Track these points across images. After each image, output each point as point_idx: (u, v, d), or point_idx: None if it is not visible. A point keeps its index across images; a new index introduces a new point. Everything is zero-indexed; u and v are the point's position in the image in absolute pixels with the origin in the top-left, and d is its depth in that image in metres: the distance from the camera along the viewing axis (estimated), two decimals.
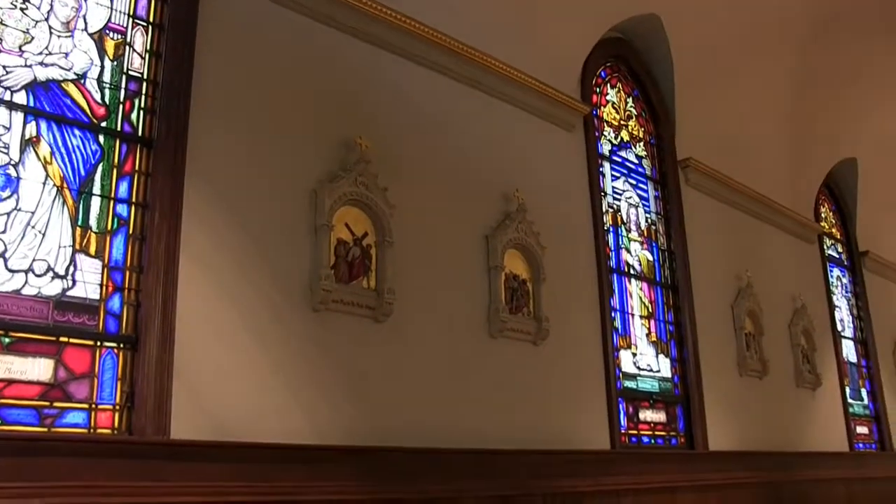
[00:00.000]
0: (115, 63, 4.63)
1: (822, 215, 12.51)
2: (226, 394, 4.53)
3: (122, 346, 4.28)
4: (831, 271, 12.21)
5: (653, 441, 7.72)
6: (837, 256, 12.74)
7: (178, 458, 4.19)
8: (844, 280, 12.75)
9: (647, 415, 7.74)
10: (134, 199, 4.50)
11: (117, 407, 4.20)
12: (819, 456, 10.01)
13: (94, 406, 4.13)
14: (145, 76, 4.73)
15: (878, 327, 12.98)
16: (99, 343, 4.22)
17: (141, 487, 4.01)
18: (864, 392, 12.19)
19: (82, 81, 4.49)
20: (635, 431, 7.54)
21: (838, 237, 12.97)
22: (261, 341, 4.76)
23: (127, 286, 4.36)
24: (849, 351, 12.15)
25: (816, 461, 9.86)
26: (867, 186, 12.89)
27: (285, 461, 4.60)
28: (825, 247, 12.19)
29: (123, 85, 4.63)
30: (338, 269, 5.20)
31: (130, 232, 4.44)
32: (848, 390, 11.52)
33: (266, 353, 4.77)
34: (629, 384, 7.61)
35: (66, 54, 4.46)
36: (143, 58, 4.75)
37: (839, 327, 11.91)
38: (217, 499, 4.26)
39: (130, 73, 4.68)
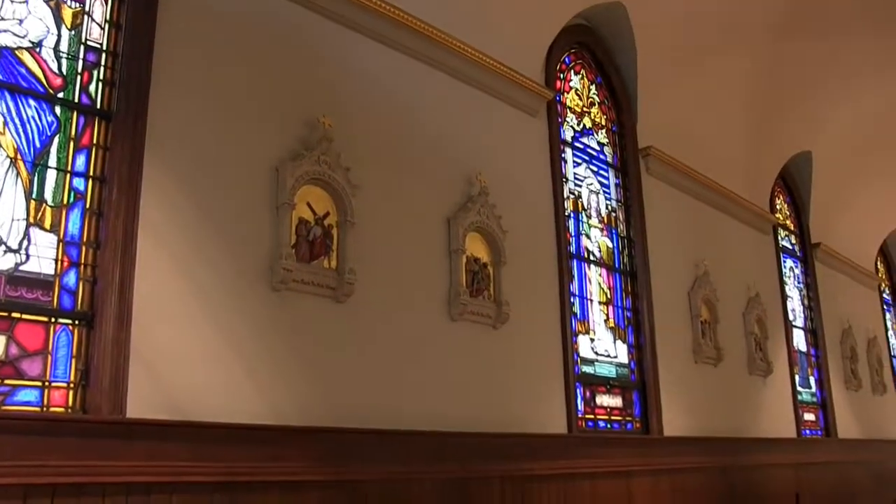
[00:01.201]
0: (73, 32, 4.51)
1: (778, 207, 12.72)
2: (183, 373, 4.46)
3: (77, 322, 4.18)
4: (784, 262, 12.43)
5: (609, 426, 7.80)
6: (791, 247, 12.97)
7: (134, 438, 4.12)
8: (797, 271, 12.99)
9: (604, 400, 7.82)
10: (91, 173, 4.39)
11: (71, 385, 4.11)
12: (769, 442, 10.22)
13: (47, 384, 4.04)
14: (104, 47, 4.61)
15: (827, 317, 13.27)
16: (53, 319, 4.12)
17: (95, 467, 3.94)
18: (812, 380, 12.46)
19: (38, 50, 4.36)
20: (592, 416, 7.61)
21: (792, 229, 13.21)
22: (219, 320, 4.69)
23: (83, 262, 4.27)
24: (799, 340, 12.39)
25: (766, 447, 10.07)
26: (821, 179, 13.13)
27: (242, 441, 4.55)
28: (779, 238, 12.40)
29: (81, 55, 4.52)
30: (299, 249, 5.14)
31: (87, 206, 4.34)
32: (797, 378, 11.76)
33: (224, 333, 4.70)
34: (587, 369, 7.67)
35: (21, 21, 4.32)
36: (102, 28, 4.63)
37: (791, 317, 12.14)
38: (173, 479, 4.21)
39: (89, 43, 4.56)
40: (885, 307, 16.38)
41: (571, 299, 7.57)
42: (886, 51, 10.41)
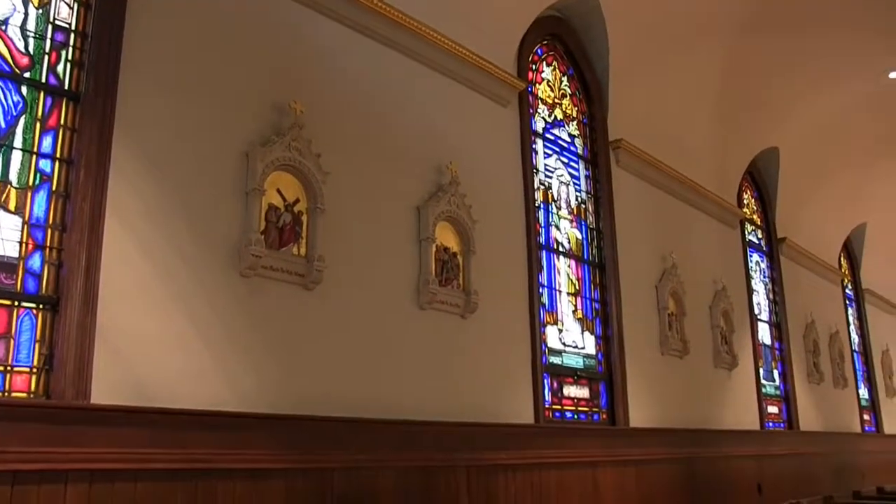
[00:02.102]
0: (41, 11, 4.43)
1: (745, 201, 12.87)
2: (149, 358, 4.42)
3: (41, 306, 4.13)
4: (751, 256, 12.58)
5: (576, 416, 7.86)
6: (757, 242, 13.13)
7: (99, 423, 4.08)
8: (763, 265, 13.15)
9: (571, 390, 7.87)
10: (58, 155, 4.33)
11: (34, 370, 4.06)
12: (733, 434, 10.36)
13: (9, 368, 3.99)
14: (73, 27, 4.54)
15: (792, 312, 13.46)
16: (16, 303, 4.06)
17: (59, 453, 3.90)
18: (776, 373, 12.64)
19: (4, 28, 4.28)
20: (559, 407, 7.65)
21: (759, 223, 13.37)
22: (187, 306, 4.65)
23: (48, 245, 4.21)
24: (764, 333, 12.56)
25: (730, 439, 10.21)
26: (787, 175, 13.31)
27: (207, 428, 4.53)
28: (746, 232, 12.55)
29: (49, 35, 4.44)
30: (268, 235, 5.11)
31: (54, 189, 4.28)
32: (761, 371, 11.92)
33: (191, 318, 4.66)
34: (554, 360, 7.71)
35: None
36: (70, 7, 4.56)
37: (756, 310, 12.30)
38: (138, 465, 4.17)
39: (57, 22, 4.48)
40: (847, 302, 16.66)
41: (540, 290, 7.61)
42: (853, 50, 10.59)
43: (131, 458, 4.16)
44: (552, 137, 8.44)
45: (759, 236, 13.32)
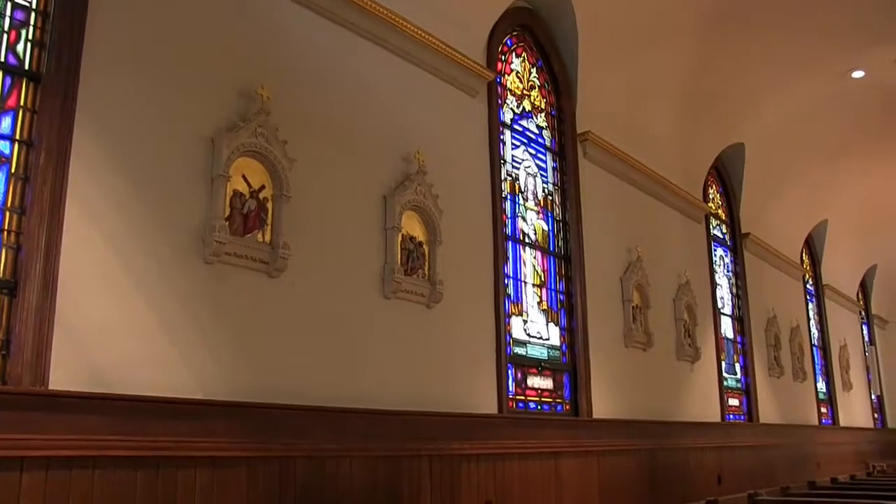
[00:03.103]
0: None
1: (710, 196, 13.00)
2: (109, 345, 4.36)
3: None
4: (715, 250, 12.72)
5: (539, 407, 7.90)
6: (722, 237, 13.27)
7: (57, 410, 4.02)
8: (727, 260, 13.30)
9: (535, 381, 7.91)
10: (18, 137, 4.24)
11: None
12: (694, 426, 10.49)
13: None
14: (34, 6, 4.45)
15: (754, 306, 13.64)
16: None
17: (14, 440, 3.83)
18: (737, 367, 12.81)
19: None
20: (523, 397, 7.69)
21: (723, 218, 13.51)
22: (148, 292, 4.60)
23: (6, 228, 4.13)
24: (726, 327, 12.72)
25: (691, 431, 10.33)
26: (752, 171, 13.47)
27: (168, 415, 4.48)
28: (711, 227, 12.68)
29: (9, 13, 4.35)
30: (232, 221, 5.07)
31: (13, 171, 4.20)
32: (723, 364, 12.07)
33: (153, 305, 4.61)
34: (519, 350, 7.74)
35: None
36: None
37: (719, 304, 12.44)
38: (96, 452, 4.12)
39: (16, 0, 4.39)
40: (807, 297, 16.92)
41: (505, 281, 7.63)
42: (818, 51, 10.75)
43: (89, 445, 4.10)
44: (520, 129, 8.45)
45: (724, 231, 13.47)
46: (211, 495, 4.62)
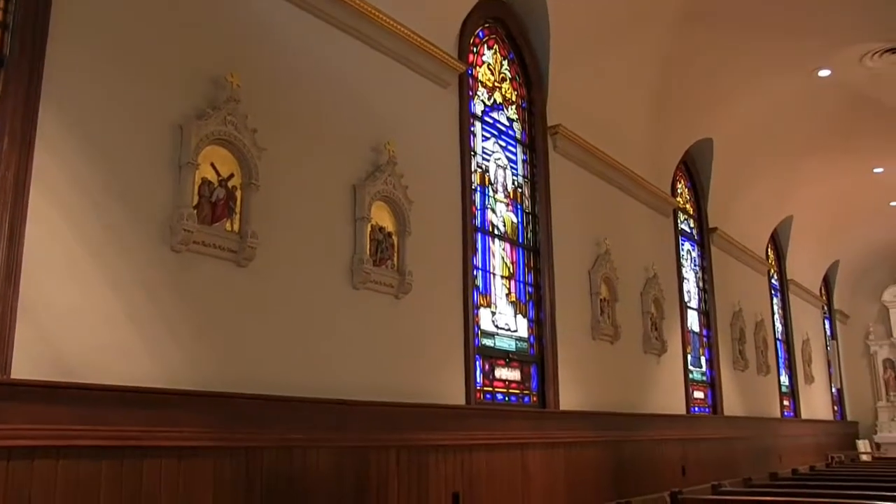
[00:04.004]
0: None
1: (679, 191, 13.11)
2: (73, 333, 4.30)
3: None
4: (683, 245, 12.84)
5: (507, 399, 7.93)
6: (689, 231, 13.40)
7: (19, 399, 3.94)
8: (694, 254, 13.43)
9: (503, 373, 7.94)
10: None
11: None
12: (660, 418, 10.60)
13: None
14: None
15: (720, 300, 13.80)
16: None
17: None
18: (703, 360, 12.95)
19: None
20: (490, 388, 7.71)
21: (691, 213, 13.64)
22: (115, 280, 4.54)
23: None
24: (693, 321, 12.85)
25: (657, 423, 10.44)
26: (720, 167, 13.60)
27: (134, 405, 4.43)
28: (679, 221, 12.79)
29: None
30: (200, 210, 5.01)
31: None
32: (689, 357, 12.20)
33: (119, 293, 4.55)
34: (487, 342, 7.76)
35: None
36: None
37: (686, 298, 12.57)
38: (60, 442, 4.05)
39: None
40: (772, 292, 17.15)
41: (474, 272, 7.64)
42: (785, 50, 10.86)
43: (53, 435, 4.04)
44: (491, 121, 8.46)
45: (692, 225, 13.59)
46: (177, 486, 4.58)
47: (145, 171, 4.79)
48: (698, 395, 12.45)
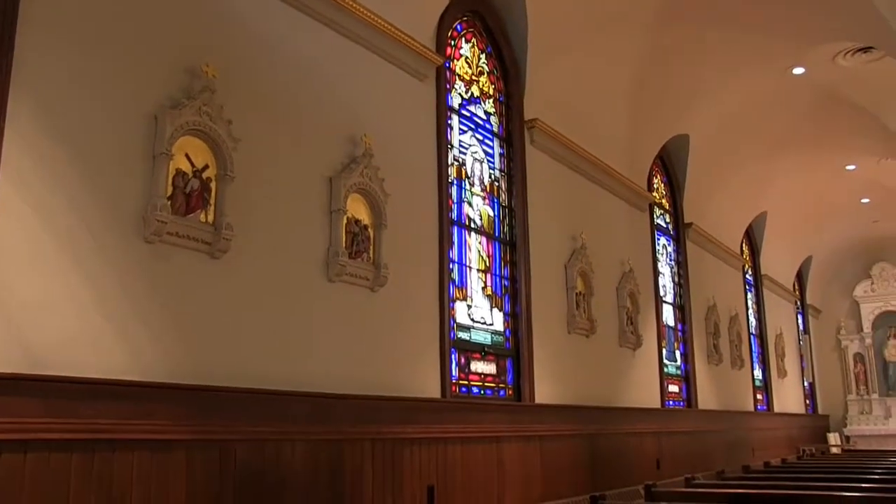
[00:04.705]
0: None
1: (655, 186, 13.17)
2: (43, 324, 4.24)
3: None
4: (658, 239, 12.91)
5: (482, 392, 7.94)
6: (665, 226, 13.47)
7: None
8: (669, 249, 13.51)
9: (479, 366, 7.94)
10: None
11: None
12: (635, 412, 10.66)
13: None
14: None
15: (695, 295, 13.90)
16: None
17: None
18: (678, 354, 13.04)
19: None
20: (466, 382, 7.72)
21: (667, 208, 13.71)
22: (85, 270, 4.48)
23: None
24: (668, 315, 12.93)
25: (632, 416, 10.50)
26: (696, 162, 13.68)
27: (105, 397, 4.38)
28: (655, 216, 12.86)
29: None
30: (174, 201, 4.96)
31: None
32: (664, 352, 12.28)
33: (91, 284, 4.49)
34: (462, 335, 7.76)
35: None
36: None
37: (661, 292, 12.64)
38: (27, 436, 3.99)
39: None
40: (746, 287, 17.29)
41: (450, 265, 7.63)
42: (761, 47, 10.93)
43: (21, 428, 3.98)
44: (468, 114, 8.45)
45: (667, 220, 13.67)
46: (149, 479, 4.54)
47: (118, 162, 4.73)
48: (673, 388, 12.53)
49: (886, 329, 22.41)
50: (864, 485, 6.97)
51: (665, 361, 12.29)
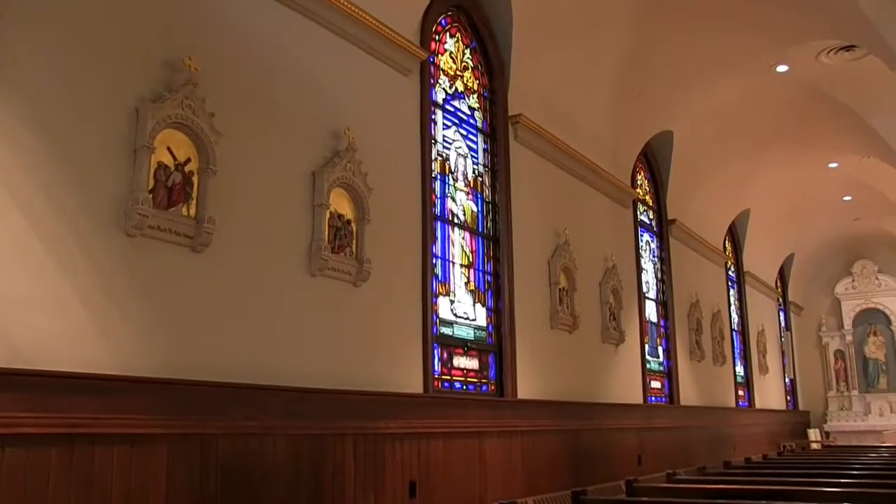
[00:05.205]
0: None
1: (638, 182, 13.21)
2: (22, 318, 4.20)
3: None
4: (641, 236, 12.95)
5: (464, 387, 7.95)
6: (648, 222, 13.52)
7: None
8: (653, 245, 13.56)
9: (461, 361, 7.95)
10: None
11: None
12: (617, 407, 10.70)
13: None
14: None
15: (678, 291, 13.96)
16: None
17: None
18: (660, 350, 13.10)
19: None
20: (448, 377, 7.72)
21: (650, 204, 13.76)
22: (66, 264, 4.44)
23: None
24: (651, 311, 12.97)
25: (614, 412, 10.53)
26: (680, 159, 13.74)
27: (85, 391, 4.35)
28: (638, 212, 12.90)
29: None
30: (156, 194, 4.93)
31: None
32: (647, 348, 12.33)
33: (71, 277, 4.46)
34: (445, 331, 7.77)
35: None
36: None
37: (644, 289, 12.68)
38: (6, 430, 3.96)
39: None
40: (729, 283, 17.39)
41: (433, 261, 7.63)
42: (745, 45, 10.99)
43: (1, 422, 3.96)
44: (452, 109, 8.44)
45: (651, 217, 13.72)
46: (129, 473, 4.52)
47: (99, 155, 4.70)
48: (655, 384, 12.59)
49: (867, 326, 22.60)
50: (842, 480, 7.03)
51: (647, 357, 12.35)
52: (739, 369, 17.27)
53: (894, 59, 8.56)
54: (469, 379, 8.03)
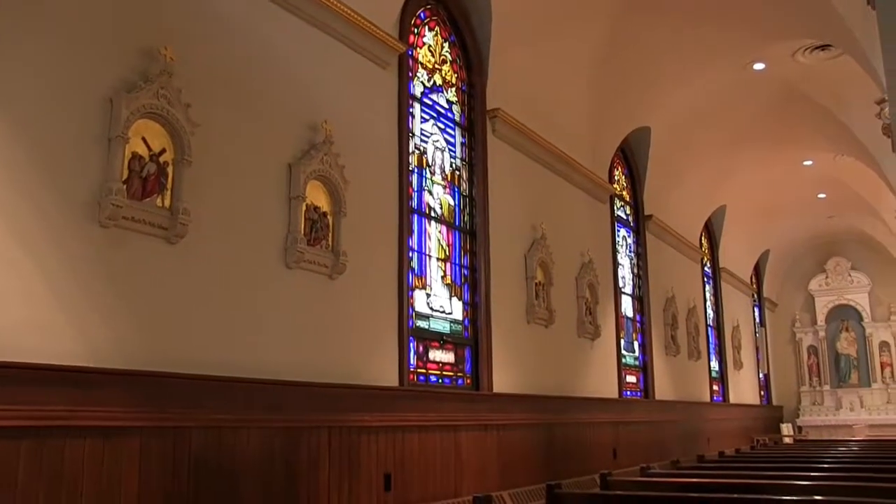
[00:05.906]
0: None
1: (616, 178, 13.26)
2: None
3: None
4: (618, 231, 13.01)
5: (440, 381, 7.95)
6: (625, 218, 13.58)
7: None
8: (629, 240, 13.63)
9: (437, 355, 7.95)
10: None
11: None
12: (592, 401, 10.75)
13: None
14: None
15: (654, 286, 14.05)
16: None
17: None
18: (636, 345, 13.18)
19: None
20: (424, 370, 7.73)
21: (627, 200, 13.82)
22: (37, 255, 4.39)
23: None
24: (626, 306, 13.04)
25: (589, 406, 10.59)
26: (657, 155, 13.80)
27: (57, 383, 4.31)
28: (615, 207, 12.95)
29: None
30: (130, 185, 4.89)
31: None
32: (622, 342, 12.40)
33: (41, 268, 4.41)
34: (421, 324, 7.77)
35: None
36: None
37: (620, 284, 12.75)
38: None
39: None
40: (705, 279, 17.51)
41: (410, 254, 7.62)
42: (722, 42, 11.07)
43: None
44: (430, 102, 8.43)
45: (628, 212, 13.78)
46: (101, 466, 4.49)
47: (72, 145, 4.65)
48: (631, 379, 12.67)
49: (839, 322, 22.87)
50: (813, 473, 7.10)
51: (623, 352, 12.41)
52: (714, 364, 17.41)
53: (867, 59, 8.64)
54: (445, 372, 8.03)
